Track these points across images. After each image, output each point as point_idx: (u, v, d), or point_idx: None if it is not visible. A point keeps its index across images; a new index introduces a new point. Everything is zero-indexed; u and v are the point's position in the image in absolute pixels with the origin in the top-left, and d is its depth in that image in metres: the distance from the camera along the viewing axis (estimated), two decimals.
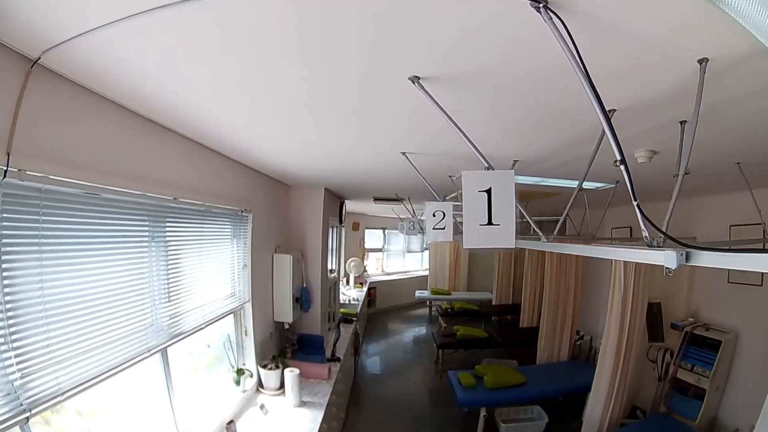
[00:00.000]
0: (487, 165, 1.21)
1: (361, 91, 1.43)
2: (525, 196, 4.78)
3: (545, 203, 5.33)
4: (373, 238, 11.15)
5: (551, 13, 0.84)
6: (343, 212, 6.04)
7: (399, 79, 1.24)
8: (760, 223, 3.12)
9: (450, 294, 10.08)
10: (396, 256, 12.00)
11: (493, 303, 9.14)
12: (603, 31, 0.97)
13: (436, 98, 1.27)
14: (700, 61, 1.10)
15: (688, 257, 0.87)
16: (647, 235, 1.01)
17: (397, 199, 5.36)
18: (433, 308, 10.14)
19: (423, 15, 0.93)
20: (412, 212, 5.25)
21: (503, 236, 1.08)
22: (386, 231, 11.39)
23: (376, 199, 5.67)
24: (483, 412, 4.49)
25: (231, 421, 2.60)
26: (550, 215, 6.52)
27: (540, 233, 1.83)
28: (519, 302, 7.44)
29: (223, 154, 2.65)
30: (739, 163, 2.46)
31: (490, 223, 1.07)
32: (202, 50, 1.17)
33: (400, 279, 11.42)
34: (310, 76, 1.32)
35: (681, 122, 1.69)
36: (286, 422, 2.81)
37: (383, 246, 11.59)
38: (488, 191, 1.07)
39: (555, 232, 2.00)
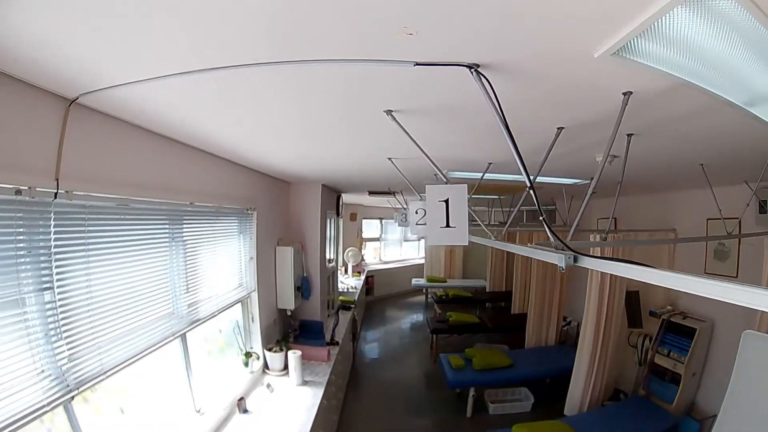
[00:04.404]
0: (445, 180, 1.50)
1: (350, 119, 1.74)
2: (512, 189, 5.04)
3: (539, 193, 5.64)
4: (370, 227, 11.41)
5: (480, 75, 1.10)
6: (341, 205, 6.31)
7: (377, 111, 1.54)
8: (736, 218, 3.30)
9: (445, 281, 10.36)
10: (393, 245, 12.28)
11: (487, 290, 9.46)
12: (533, 80, 1.24)
13: (406, 124, 1.55)
14: (625, 94, 1.34)
15: (575, 260, 1.17)
16: (553, 240, 1.29)
17: (390, 192, 5.63)
18: (429, 295, 10.45)
19: (386, 71, 1.18)
20: (404, 205, 5.51)
21: (458, 235, 1.37)
22: (383, 221, 11.63)
23: (371, 193, 5.95)
24: (472, 392, 4.83)
25: (242, 398, 2.92)
26: (543, 204, 6.95)
27: (488, 231, 2.10)
28: (511, 289, 7.72)
29: (232, 161, 2.92)
30: (702, 165, 2.71)
31: (448, 225, 1.36)
32: (235, 99, 1.48)
33: (397, 267, 11.70)
34: (310, 111, 1.63)
35: (628, 135, 1.94)
36: (291, 399, 3.13)
37: (380, 235, 11.85)
38: (446, 201, 1.36)
39: (509, 221, 2.28)
